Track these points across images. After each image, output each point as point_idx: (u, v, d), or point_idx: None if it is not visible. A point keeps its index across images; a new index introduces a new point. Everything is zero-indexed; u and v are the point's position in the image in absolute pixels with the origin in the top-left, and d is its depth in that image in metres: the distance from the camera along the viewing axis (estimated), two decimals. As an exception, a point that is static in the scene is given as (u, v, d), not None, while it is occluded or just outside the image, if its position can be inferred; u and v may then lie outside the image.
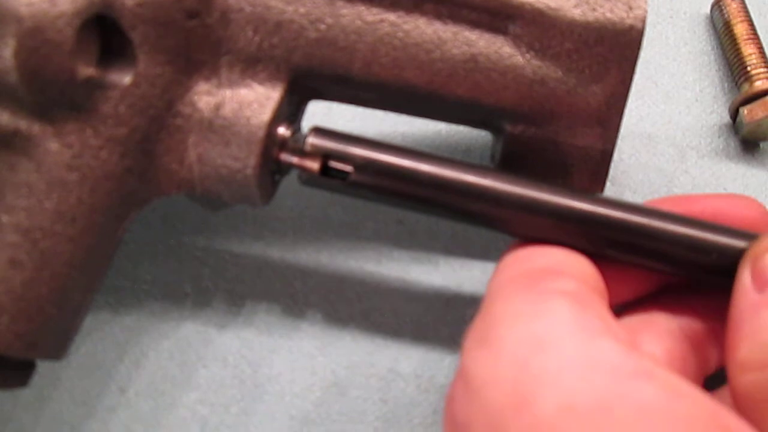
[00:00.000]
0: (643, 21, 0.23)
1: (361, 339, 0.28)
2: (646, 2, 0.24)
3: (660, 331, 0.23)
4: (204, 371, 0.27)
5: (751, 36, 0.33)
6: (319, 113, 0.30)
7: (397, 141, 0.32)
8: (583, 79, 0.24)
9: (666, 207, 0.23)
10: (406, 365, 0.27)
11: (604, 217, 0.22)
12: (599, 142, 0.25)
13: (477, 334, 0.19)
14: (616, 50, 0.24)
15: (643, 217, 0.22)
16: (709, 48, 0.35)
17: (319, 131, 0.23)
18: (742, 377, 0.19)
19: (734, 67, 0.33)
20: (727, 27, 0.34)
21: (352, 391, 0.27)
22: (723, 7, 0.34)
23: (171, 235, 0.29)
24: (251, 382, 0.27)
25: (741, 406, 0.19)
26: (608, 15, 0.23)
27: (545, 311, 0.18)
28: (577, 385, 0.16)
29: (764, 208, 0.24)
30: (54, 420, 0.26)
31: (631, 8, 0.24)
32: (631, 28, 0.23)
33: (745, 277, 0.20)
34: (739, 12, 0.34)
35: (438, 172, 0.22)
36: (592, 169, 0.26)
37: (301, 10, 0.22)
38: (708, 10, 0.36)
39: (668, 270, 0.23)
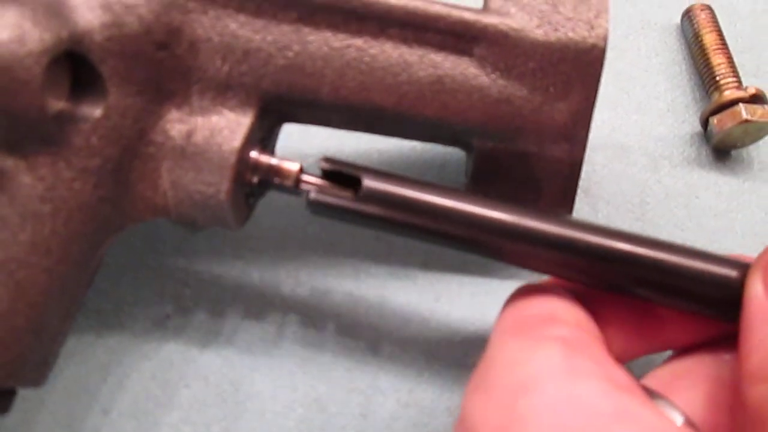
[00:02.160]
0: (605, 39, 0.24)
1: (341, 355, 0.28)
2: (607, 21, 0.24)
3: (703, 376, 0.22)
4: (186, 391, 0.27)
5: (720, 46, 0.33)
6: (297, 132, 0.31)
7: (374, 158, 0.32)
8: (548, 97, 0.25)
9: None
10: (385, 380, 0.28)
11: (615, 252, 0.21)
12: (567, 156, 0.26)
13: (475, 379, 0.20)
14: (579, 68, 0.24)
15: (655, 251, 0.21)
16: (681, 58, 0.36)
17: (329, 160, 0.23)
18: (753, 389, 0.19)
19: (704, 77, 0.34)
20: (697, 37, 0.34)
21: (332, 407, 0.27)
22: (692, 18, 0.35)
23: (152, 256, 0.30)
24: (233, 401, 0.27)
25: (752, 420, 0.19)
26: (570, 35, 0.24)
27: (536, 356, 0.19)
28: (557, 426, 0.16)
29: None
30: (39, 443, 0.26)
31: (592, 27, 0.24)
32: (593, 46, 0.24)
33: (755, 286, 0.20)
34: (708, 22, 0.34)
35: (449, 205, 0.22)
36: (561, 182, 0.26)
37: (269, 38, 0.23)
38: (679, 20, 0.36)
39: (680, 305, 0.22)
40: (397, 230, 0.23)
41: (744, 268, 0.21)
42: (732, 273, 0.21)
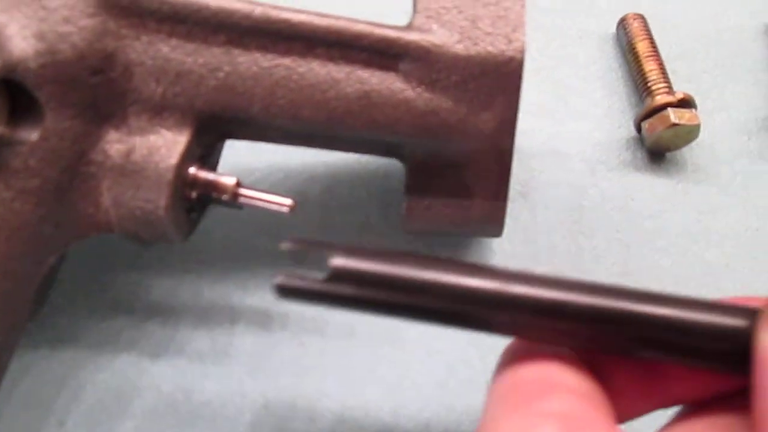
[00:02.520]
0: (522, 52, 0.25)
1: (289, 362, 0.29)
2: (523, 35, 0.25)
3: None
4: (139, 401, 0.28)
5: (652, 53, 0.35)
6: (245, 147, 0.32)
7: (320, 170, 0.33)
8: (473, 108, 0.26)
9: None
10: (333, 385, 0.29)
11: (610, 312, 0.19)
12: (495, 163, 0.27)
13: None
14: (500, 80, 0.25)
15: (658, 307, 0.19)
16: (617, 65, 0.37)
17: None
18: None
19: (638, 83, 0.35)
20: (631, 45, 0.36)
21: (280, 411, 0.28)
22: (626, 26, 0.36)
23: (105, 272, 0.31)
24: (184, 409, 0.28)
25: None
26: (489, 48, 0.25)
27: None
28: None
29: None
30: (-5, 455, 0.27)
31: (510, 41, 0.25)
32: (511, 59, 0.25)
33: (764, 339, 0.18)
34: (641, 30, 0.36)
35: (430, 278, 0.20)
36: (492, 189, 0.28)
37: (200, 60, 0.24)
38: (614, 29, 0.38)
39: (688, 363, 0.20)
40: (377, 310, 0.20)
41: (752, 315, 0.19)
42: (740, 323, 0.19)
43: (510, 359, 0.20)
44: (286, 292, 0.20)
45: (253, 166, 0.33)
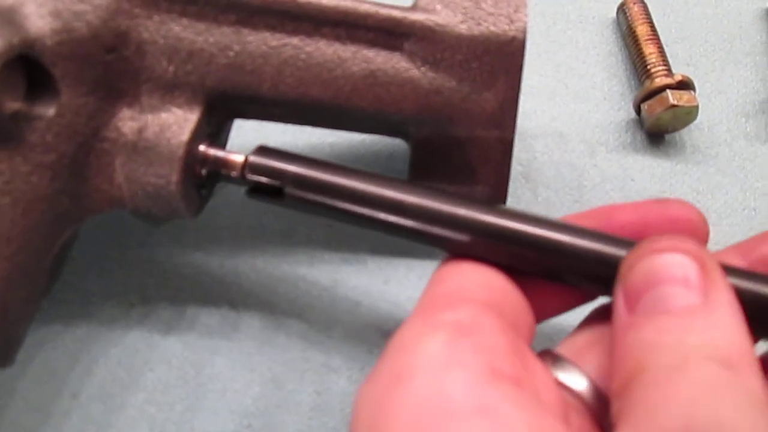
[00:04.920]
0: (524, 32, 0.26)
1: (296, 337, 0.30)
2: (525, 15, 0.26)
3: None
4: (150, 374, 0.29)
5: (652, 36, 0.35)
6: (252, 128, 0.32)
7: (326, 150, 0.34)
8: (475, 87, 0.26)
9: (595, 218, 0.23)
10: (338, 359, 0.29)
11: (507, 231, 0.22)
12: (498, 141, 0.28)
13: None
14: (502, 59, 0.26)
15: (543, 229, 0.22)
16: (617, 49, 0.38)
17: (261, 150, 0.25)
18: (612, 407, 0.18)
19: (637, 66, 0.36)
20: (631, 29, 0.36)
21: (288, 384, 0.29)
22: (626, 11, 0.37)
23: (116, 249, 0.31)
24: (194, 382, 0.29)
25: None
26: (492, 28, 0.26)
27: (421, 344, 0.18)
28: (417, 424, 0.16)
29: (694, 208, 0.24)
30: (11, 426, 0.28)
31: (512, 21, 0.26)
32: (514, 38, 0.26)
33: (618, 298, 0.19)
34: (641, 14, 0.36)
35: (360, 187, 0.23)
36: (494, 166, 0.28)
37: (210, 39, 0.25)
38: (615, 14, 0.39)
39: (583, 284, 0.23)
40: (324, 213, 0.24)
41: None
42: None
43: (437, 272, 0.22)
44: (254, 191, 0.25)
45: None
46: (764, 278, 0.21)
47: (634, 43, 0.36)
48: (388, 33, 0.26)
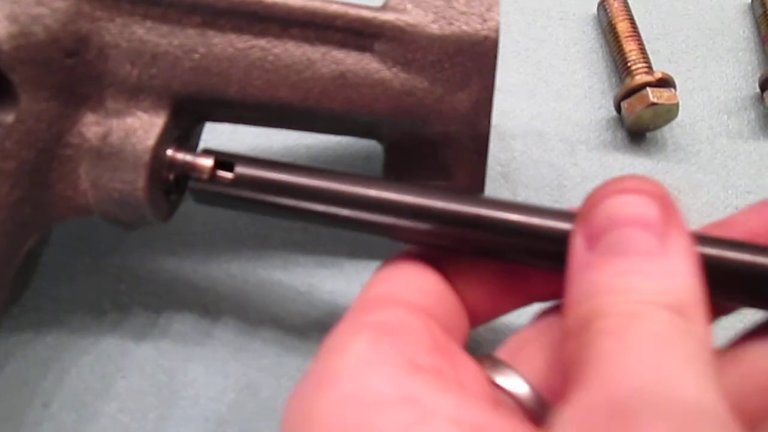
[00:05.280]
0: (496, 31, 0.25)
1: (272, 342, 0.29)
2: (498, 14, 0.26)
3: (549, 340, 0.22)
4: (123, 382, 0.29)
5: (632, 33, 0.35)
6: (227, 131, 0.32)
7: (302, 153, 0.33)
8: (449, 88, 0.26)
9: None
10: (314, 363, 0.29)
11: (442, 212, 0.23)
12: (472, 143, 0.27)
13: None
14: (475, 59, 0.26)
15: (477, 207, 0.22)
16: (597, 46, 0.37)
17: (208, 152, 0.25)
18: (563, 347, 0.19)
19: (618, 64, 0.35)
20: (611, 25, 0.36)
21: (263, 391, 0.29)
22: (607, 7, 0.36)
23: (88, 254, 0.31)
24: (167, 390, 0.28)
25: (568, 377, 0.18)
26: (464, 28, 0.25)
27: (346, 346, 0.19)
28: (339, 419, 0.17)
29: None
30: (-20, 437, 0.27)
31: (485, 20, 0.25)
32: (486, 38, 0.25)
33: (577, 235, 0.20)
34: (621, 11, 0.36)
35: (307, 183, 0.24)
36: (469, 168, 0.28)
37: (175, 42, 0.24)
38: (595, 10, 0.38)
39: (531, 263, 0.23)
40: (270, 211, 0.25)
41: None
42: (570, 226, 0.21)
43: (373, 276, 0.23)
44: (200, 195, 0.25)
45: (234, 150, 0.33)
46: (724, 242, 0.21)
47: (615, 39, 0.35)
48: (358, 33, 0.25)
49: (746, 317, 0.24)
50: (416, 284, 0.22)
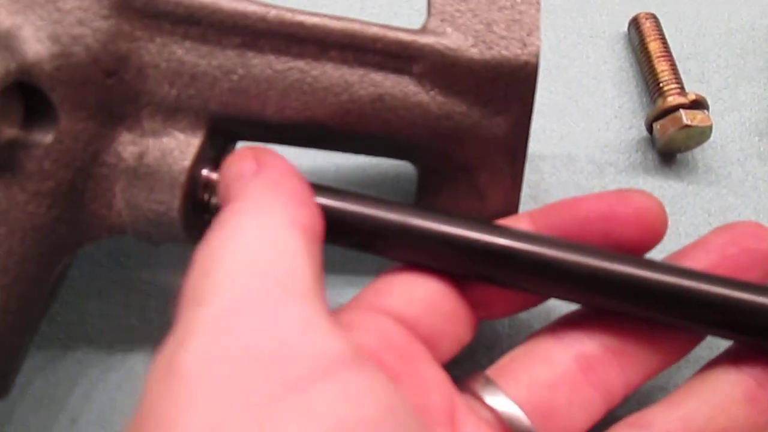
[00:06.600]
0: (537, 56, 0.25)
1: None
2: (539, 38, 0.25)
3: (535, 358, 0.24)
4: (150, 399, 0.28)
5: (664, 53, 0.35)
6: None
7: (331, 171, 0.33)
8: (486, 112, 0.26)
9: (558, 211, 0.25)
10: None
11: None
12: (508, 167, 0.27)
13: None
14: (514, 84, 0.25)
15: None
16: (628, 65, 0.37)
17: None
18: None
19: (650, 83, 0.35)
20: (643, 45, 0.36)
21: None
22: (638, 26, 0.36)
23: (117, 270, 0.31)
24: (195, 407, 0.28)
25: None
26: (504, 52, 0.25)
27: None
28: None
29: (654, 198, 0.25)
30: (8, 452, 0.27)
31: (525, 45, 0.25)
32: (526, 63, 0.25)
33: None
34: (653, 30, 0.36)
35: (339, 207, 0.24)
36: (504, 193, 0.28)
37: (214, 62, 0.24)
38: (626, 29, 0.38)
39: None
40: None
41: None
42: None
43: (366, 288, 0.25)
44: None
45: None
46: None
47: (647, 59, 0.35)
48: (397, 56, 0.25)
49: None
50: (405, 294, 0.24)
